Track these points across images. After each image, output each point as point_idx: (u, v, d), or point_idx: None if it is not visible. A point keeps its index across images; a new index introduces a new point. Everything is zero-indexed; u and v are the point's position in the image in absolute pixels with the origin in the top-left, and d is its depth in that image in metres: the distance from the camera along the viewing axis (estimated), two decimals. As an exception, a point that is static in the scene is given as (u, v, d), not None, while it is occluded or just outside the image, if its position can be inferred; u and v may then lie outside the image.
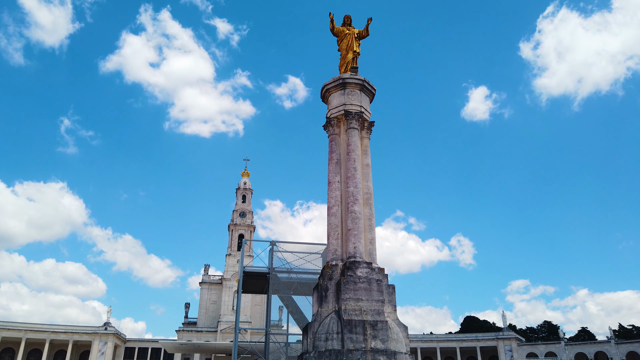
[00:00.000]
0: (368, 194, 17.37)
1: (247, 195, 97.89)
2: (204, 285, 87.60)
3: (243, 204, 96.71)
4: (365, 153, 18.07)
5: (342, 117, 18.24)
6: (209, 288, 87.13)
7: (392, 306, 15.53)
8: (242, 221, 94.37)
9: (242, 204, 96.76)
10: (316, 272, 26.82)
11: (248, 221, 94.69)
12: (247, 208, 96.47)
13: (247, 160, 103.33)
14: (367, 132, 18.49)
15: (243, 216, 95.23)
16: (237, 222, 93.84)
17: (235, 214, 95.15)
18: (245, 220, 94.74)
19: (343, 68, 19.44)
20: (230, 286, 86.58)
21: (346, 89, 18.44)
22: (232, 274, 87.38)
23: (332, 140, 18.21)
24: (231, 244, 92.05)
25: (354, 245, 15.91)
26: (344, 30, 19.76)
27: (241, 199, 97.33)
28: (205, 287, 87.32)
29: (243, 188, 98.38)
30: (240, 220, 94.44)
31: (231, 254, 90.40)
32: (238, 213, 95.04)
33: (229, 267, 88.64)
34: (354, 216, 16.33)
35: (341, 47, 19.80)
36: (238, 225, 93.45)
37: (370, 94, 18.98)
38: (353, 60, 19.36)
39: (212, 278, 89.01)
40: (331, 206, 17.07)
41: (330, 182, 17.47)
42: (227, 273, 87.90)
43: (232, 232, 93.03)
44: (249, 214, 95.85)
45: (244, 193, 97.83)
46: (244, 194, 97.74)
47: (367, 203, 17.17)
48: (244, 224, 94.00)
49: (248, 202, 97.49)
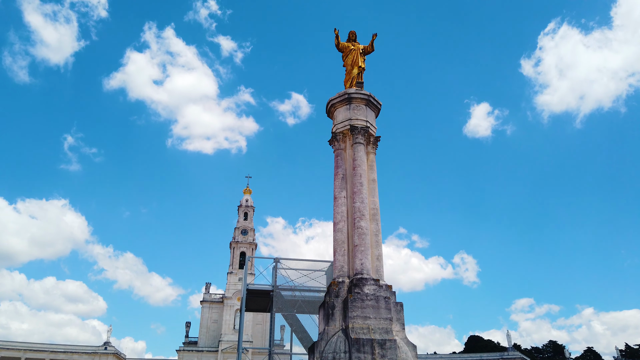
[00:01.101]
0: (374, 210, 17.13)
1: (249, 212, 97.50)
2: (205, 304, 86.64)
3: (245, 222, 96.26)
4: (371, 168, 17.88)
5: (347, 132, 18.11)
6: (210, 307, 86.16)
7: (400, 324, 15.16)
8: (244, 239, 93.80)
9: (244, 221, 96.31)
10: (320, 289, 26.39)
11: (250, 239, 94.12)
12: (249, 225, 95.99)
13: (249, 177, 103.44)
14: (372, 147, 18.33)
15: (245, 234, 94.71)
16: (239, 239, 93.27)
17: (236, 231, 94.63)
18: (247, 237, 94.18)
19: (348, 83, 19.40)
20: (232, 305, 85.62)
21: (352, 104, 18.34)
22: (234, 292, 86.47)
23: (338, 155, 18.04)
24: (232, 262, 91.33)
25: (360, 261, 15.61)
26: (348, 46, 19.77)
27: (243, 216, 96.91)
28: (206, 306, 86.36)
29: (245, 205, 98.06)
30: (242, 237, 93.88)
31: (232, 272, 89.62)
32: (240, 230, 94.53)
33: (231, 286, 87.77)
34: (361, 232, 16.06)
35: (346, 62, 19.78)
36: (240, 242, 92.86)
37: (376, 109, 18.88)
38: (358, 75, 19.33)
39: (213, 296, 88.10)
40: (337, 222, 16.82)
41: (336, 198, 17.24)
42: (228, 291, 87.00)
43: (234, 249, 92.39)
44: (250, 231, 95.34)
45: (245, 210, 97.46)
46: (246, 211, 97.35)
47: (373, 219, 16.92)
48: (246, 241, 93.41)
49: (250, 219, 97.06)
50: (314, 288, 26.40)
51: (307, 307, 25.81)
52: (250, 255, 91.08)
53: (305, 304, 25.87)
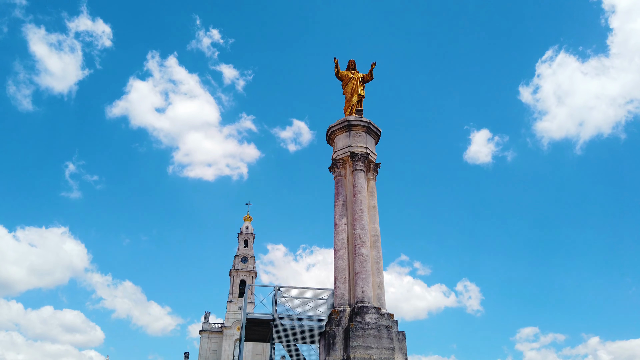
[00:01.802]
0: (375, 237, 17.01)
1: (249, 240, 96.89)
2: (204, 334, 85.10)
3: (245, 249, 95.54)
4: (372, 195, 17.85)
5: (347, 158, 18.15)
6: (209, 336, 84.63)
7: (402, 354, 14.84)
8: (244, 267, 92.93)
9: (244, 248, 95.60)
10: (321, 318, 26.00)
11: (250, 266, 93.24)
12: (249, 253, 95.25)
13: (250, 204, 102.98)
14: (373, 173, 18.34)
15: (245, 261, 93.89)
16: (239, 267, 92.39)
17: (236, 259, 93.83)
18: (247, 265, 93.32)
19: (348, 111, 19.56)
20: (231, 334, 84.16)
21: (352, 131, 18.45)
22: (233, 321, 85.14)
23: (338, 182, 18.03)
24: (232, 291, 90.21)
25: (362, 289, 15.40)
26: (348, 75, 20.01)
27: (243, 244, 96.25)
28: (205, 336, 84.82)
29: (245, 233, 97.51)
30: (242, 265, 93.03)
31: (232, 301, 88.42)
32: (240, 258, 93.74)
33: (230, 315, 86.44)
34: (362, 259, 15.90)
35: (346, 90, 19.99)
36: (239, 270, 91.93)
37: (376, 135, 18.97)
38: (358, 103, 19.49)
39: (212, 326, 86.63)
40: (338, 249, 16.67)
41: (337, 224, 17.14)
42: (227, 321, 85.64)
43: (234, 277, 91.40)
44: (250, 259, 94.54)
45: (245, 238, 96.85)
46: (246, 239, 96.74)
47: (374, 246, 16.78)
48: (246, 269, 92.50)
49: (250, 247, 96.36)
50: (315, 317, 26.01)
51: (308, 337, 25.37)
52: (250, 284, 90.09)
53: (306, 333, 25.44)
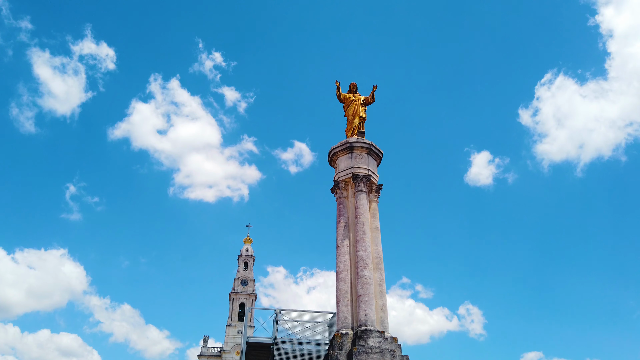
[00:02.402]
0: (378, 259, 16.89)
1: (249, 262, 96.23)
2: (202, 358, 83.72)
3: (245, 272, 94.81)
4: (374, 216, 17.81)
5: (349, 180, 18.17)
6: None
7: (406, 379, 14.57)
8: (244, 289, 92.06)
9: (244, 271, 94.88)
10: (323, 342, 25.58)
11: (249, 289, 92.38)
12: (249, 276, 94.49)
13: (250, 226, 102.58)
14: (375, 195, 18.33)
15: (244, 284, 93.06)
16: (238, 290, 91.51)
17: (236, 282, 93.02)
18: (246, 288, 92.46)
19: (350, 133, 19.67)
20: (230, 359, 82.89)
21: (353, 153, 18.51)
22: (232, 345, 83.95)
23: (340, 204, 18.01)
24: (232, 314, 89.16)
25: (364, 312, 15.22)
26: (350, 97, 20.20)
27: (243, 266, 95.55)
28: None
29: (245, 255, 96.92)
30: (242, 288, 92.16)
31: (231, 325, 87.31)
32: (239, 281, 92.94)
33: (229, 339, 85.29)
34: (364, 281, 15.76)
35: (347, 113, 20.15)
36: (239, 293, 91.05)
37: (378, 157, 19.04)
38: (359, 125, 19.63)
39: (211, 350, 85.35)
40: (340, 271, 16.55)
41: (339, 246, 17.05)
42: (226, 345, 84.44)
43: (233, 301, 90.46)
44: (250, 281, 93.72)
45: (245, 260, 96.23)
46: (246, 261, 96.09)
47: (377, 268, 16.66)
48: (245, 292, 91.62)
49: (250, 269, 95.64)
50: (316, 341, 25.60)
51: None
52: (250, 307, 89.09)
53: (307, 357, 25.01)
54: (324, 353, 26.02)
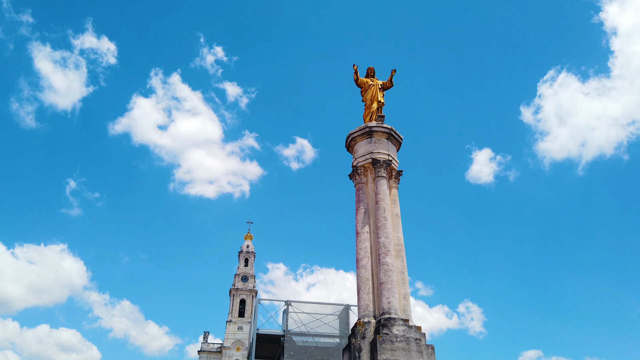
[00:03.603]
0: (399, 246, 16.35)
1: (250, 258, 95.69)
2: (202, 354, 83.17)
3: (245, 268, 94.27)
4: (394, 203, 17.25)
5: (369, 165, 17.61)
6: (207, 357, 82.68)
7: (432, 369, 14.04)
8: (244, 285, 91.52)
9: (245, 267, 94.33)
10: (333, 335, 25.09)
11: (250, 285, 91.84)
12: (250, 272, 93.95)
13: (251, 222, 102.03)
14: (395, 181, 17.78)
15: (245, 280, 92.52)
16: (239, 286, 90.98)
17: (237, 278, 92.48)
18: (247, 284, 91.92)
19: (368, 118, 19.12)
20: (230, 355, 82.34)
21: (373, 137, 17.96)
22: (233, 341, 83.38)
23: (359, 190, 17.46)
24: (232, 310, 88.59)
25: (388, 300, 14.67)
26: (367, 82, 19.67)
27: (243, 263, 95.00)
28: (204, 356, 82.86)
29: (245, 251, 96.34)
30: (242, 284, 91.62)
31: (232, 321, 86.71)
32: (240, 277, 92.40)
33: (229, 335, 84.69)
34: (387, 268, 15.21)
35: (365, 97, 19.61)
36: (240, 290, 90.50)
37: (397, 142, 18.49)
38: (378, 110, 19.08)
39: (211, 346, 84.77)
40: (360, 258, 15.99)
41: (359, 233, 16.49)
42: (227, 341, 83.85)
43: (234, 297, 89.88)
44: (251, 278, 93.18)
45: (246, 256, 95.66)
46: (247, 257, 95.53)
47: (398, 255, 16.11)
48: (246, 288, 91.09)
49: (250, 265, 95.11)
50: (327, 333, 25.08)
51: (320, 354, 24.42)
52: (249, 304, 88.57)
53: (318, 350, 24.49)
54: (334, 345, 25.53)
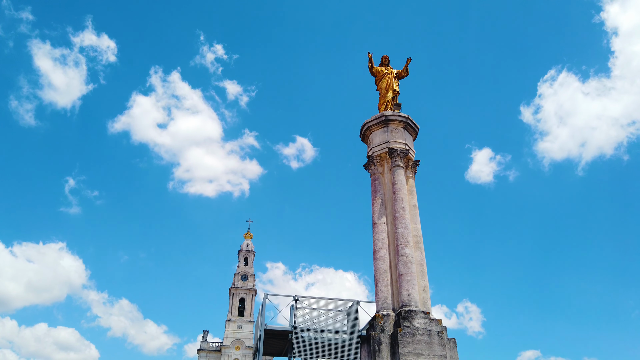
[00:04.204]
0: (417, 237, 15.87)
1: (250, 257, 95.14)
2: (202, 353, 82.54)
3: (245, 267, 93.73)
4: (412, 193, 16.77)
5: (385, 155, 17.13)
6: (207, 356, 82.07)
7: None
8: (244, 284, 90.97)
9: (244, 266, 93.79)
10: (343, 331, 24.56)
11: (250, 284, 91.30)
12: (249, 271, 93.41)
13: (250, 221, 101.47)
14: (411, 171, 17.31)
15: (245, 279, 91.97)
16: (239, 285, 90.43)
17: (236, 277, 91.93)
18: (246, 283, 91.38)
19: (383, 107, 18.67)
20: (230, 354, 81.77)
21: (389, 127, 17.48)
22: (232, 340, 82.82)
23: (375, 180, 16.98)
24: (232, 309, 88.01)
25: (407, 292, 14.18)
26: (382, 70, 19.21)
27: (243, 261, 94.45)
28: (203, 355, 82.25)
29: (245, 250, 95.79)
30: (242, 283, 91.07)
31: (231, 320, 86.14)
32: (240, 276, 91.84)
33: (229, 334, 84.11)
34: (406, 260, 14.72)
35: (380, 86, 19.16)
36: (239, 288, 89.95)
37: (414, 132, 18.02)
38: (393, 99, 18.62)
39: (210, 345, 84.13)
40: (378, 249, 15.50)
41: (375, 224, 16.01)
42: (226, 340, 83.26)
43: (233, 296, 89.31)
44: (250, 277, 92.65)
45: (246, 255, 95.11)
46: (246, 256, 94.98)
47: (417, 246, 15.64)
48: (246, 287, 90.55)
49: (250, 264, 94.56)
50: (336, 330, 24.55)
51: (328, 350, 23.87)
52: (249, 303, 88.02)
53: (327, 347, 23.94)
54: (342, 342, 25.01)
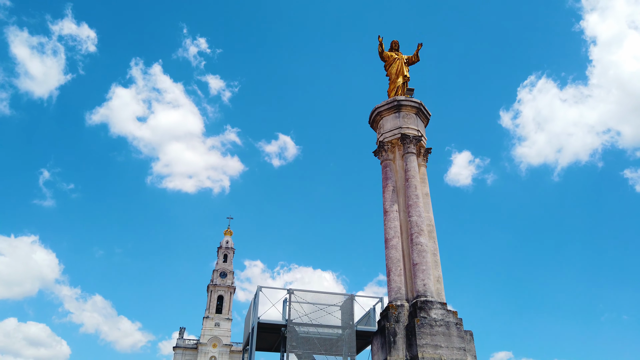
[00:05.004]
0: (430, 226, 15.25)
1: (229, 254, 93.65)
2: (178, 350, 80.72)
3: (224, 264, 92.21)
4: (424, 181, 16.15)
5: (396, 141, 16.49)
6: (183, 353, 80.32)
7: (472, 357, 12.95)
8: (223, 281, 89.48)
9: (224, 263, 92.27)
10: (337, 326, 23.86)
11: (229, 282, 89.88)
12: (229, 268, 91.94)
13: (231, 218, 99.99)
14: (423, 159, 16.71)
15: (224, 276, 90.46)
16: (217, 282, 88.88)
17: (215, 273, 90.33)
18: (225, 280, 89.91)
19: (393, 92, 18.04)
20: (207, 352, 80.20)
21: (401, 112, 16.84)
22: (209, 338, 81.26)
23: (387, 167, 16.31)
24: (209, 306, 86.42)
25: (422, 282, 13.53)
26: (392, 55, 18.60)
27: (222, 258, 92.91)
28: (179, 352, 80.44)
29: (225, 247, 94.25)
30: (221, 280, 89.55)
31: (209, 317, 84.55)
32: (219, 273, 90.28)
33: (206, 331, 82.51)
34: (420, 249, 14.08)
35: (390, 72, 18.53)
36: (218, 285, 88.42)
37: (426, 119, 17.43)
38: (404, 85, 18.02)
39: (187, 342, 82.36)
40: (390, 238, 14.82)
41: (387, 211, 15.33)
42: (203, 337, 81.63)
43: (212, 293, 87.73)
44: (230, 274, 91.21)
45: (225, 252, 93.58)
46: (226, 253, 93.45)
47: (430, 236, 15.00)
48: (224, 284, 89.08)
49: (230, 261, 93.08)
50: (330, 324, 23.82)
51: (322, 345, 23.14)
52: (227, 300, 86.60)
53: (320, 341, 23.20)
54: (337, 336, 24.28)
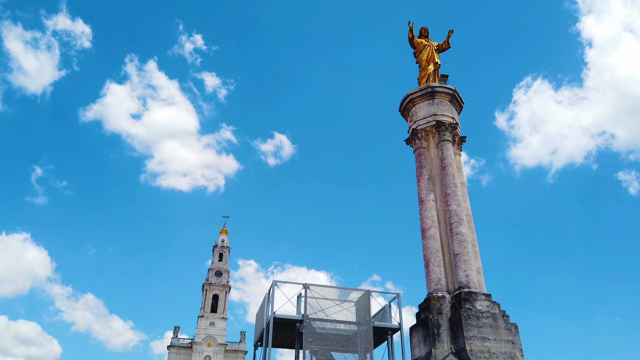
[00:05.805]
0: (468, 216, 14.72)
1: (225, 253, 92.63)
2: (172, 349, 79.44)
3: (219, 262, 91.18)
4: (459, 170, 15.63)
5: (430, 129, 15.94)
6: (177, 352, 79.09)
7: (519, 350, 12.38)
8: (218, 280, 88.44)
9: (219, 262, 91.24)
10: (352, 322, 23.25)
11: (224, 281, 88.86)
12: (224, 267, 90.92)
13: (227, 217, 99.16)
14: (458, 147, 16.19)
15: (219, 275, 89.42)
16: (212, 281, 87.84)
17: (210, 272, 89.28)
18: (221, 279, 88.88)
19: (424, 80, 17.51)
20: (201, 351, 79.07)
21: (435, 99, 16.30)
22: (204, 337, 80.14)
23: (420, 155, 15.74)
24: (204, 305, 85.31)
25: (465, 273, 12.96)
26: (422, 42, 18.07)
27: (218, 257, 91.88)
28: (173, 351, 79.17)
29: (220, 246, 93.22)
30: (216, 279, 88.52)
31: (204, 316, 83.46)
32: (214, 272, 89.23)
33: (201, 330, 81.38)
34: (461, 239, 13.51)
35: (420, 59, 18.00)
36: (213, 285, 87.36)
37: (459, 106, 16.92)
38: (435, 72, 17.48)
39: (181, 341, 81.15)
40: (427, 227, 14.25)
41: (423, 201, 14.75)
42: (198, 336, 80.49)
43: (207, 292, 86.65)
44: (225, 273, 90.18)
45: (221, 251, 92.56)
46: (221, 252, 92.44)
47: (469, 226, 14.46)
48: (220, 283, 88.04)
49: (225, 260, 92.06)
50: (345, 320, 23.19)
51: (338, 341, 22.49)
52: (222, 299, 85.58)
53: (336, 337, 22.55)
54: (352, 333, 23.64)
